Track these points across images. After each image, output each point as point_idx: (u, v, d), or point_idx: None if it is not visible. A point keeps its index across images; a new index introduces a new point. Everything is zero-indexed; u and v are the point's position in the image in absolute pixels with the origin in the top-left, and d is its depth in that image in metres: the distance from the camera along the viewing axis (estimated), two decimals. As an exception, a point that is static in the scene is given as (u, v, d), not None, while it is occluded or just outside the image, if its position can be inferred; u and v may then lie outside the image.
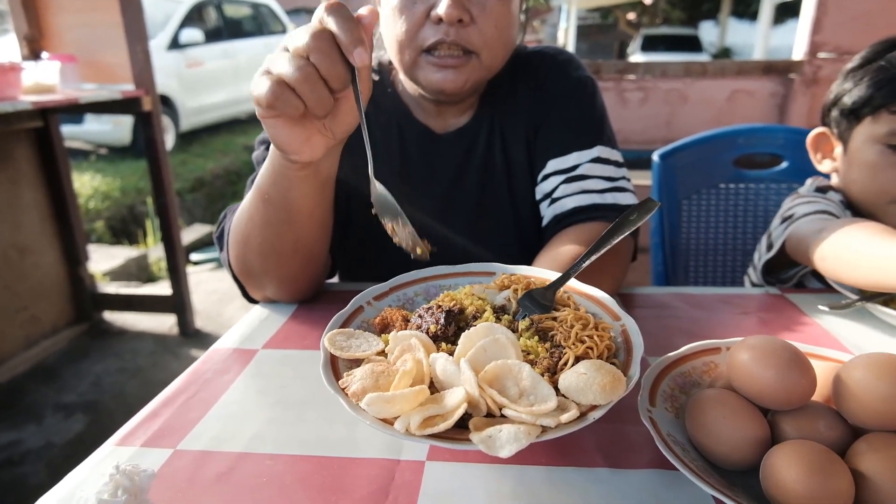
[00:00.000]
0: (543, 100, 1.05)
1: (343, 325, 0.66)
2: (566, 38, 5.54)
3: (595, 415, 0.50)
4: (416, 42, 0.90)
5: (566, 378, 0.53)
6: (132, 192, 5.49)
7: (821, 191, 1.14)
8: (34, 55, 2.68)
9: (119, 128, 6.41)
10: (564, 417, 0.48)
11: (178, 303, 3.05)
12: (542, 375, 0.54)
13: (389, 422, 0.50)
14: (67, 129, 6.01)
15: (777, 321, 0.88)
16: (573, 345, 0.58)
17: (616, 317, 0.65)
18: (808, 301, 0.94)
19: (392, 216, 0.66)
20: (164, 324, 3.22)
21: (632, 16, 19.93)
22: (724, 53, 18.25)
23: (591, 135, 1.03)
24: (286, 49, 0.64)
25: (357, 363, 0.60)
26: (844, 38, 2.78)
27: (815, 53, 2.84)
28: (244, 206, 0.87)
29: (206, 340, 3.06)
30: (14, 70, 2.20)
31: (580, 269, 0.68)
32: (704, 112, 3.01)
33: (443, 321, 0.60)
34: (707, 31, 20.43)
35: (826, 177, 1.18)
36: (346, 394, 0.54)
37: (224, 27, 8.13)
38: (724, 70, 3.02)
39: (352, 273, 1.12)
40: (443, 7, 0.85)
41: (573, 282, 0.71)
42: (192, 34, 7.24)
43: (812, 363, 0.55)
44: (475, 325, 0.59)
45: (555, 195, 1.01)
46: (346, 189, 1.03)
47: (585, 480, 0.55)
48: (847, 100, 1.06)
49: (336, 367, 0.58)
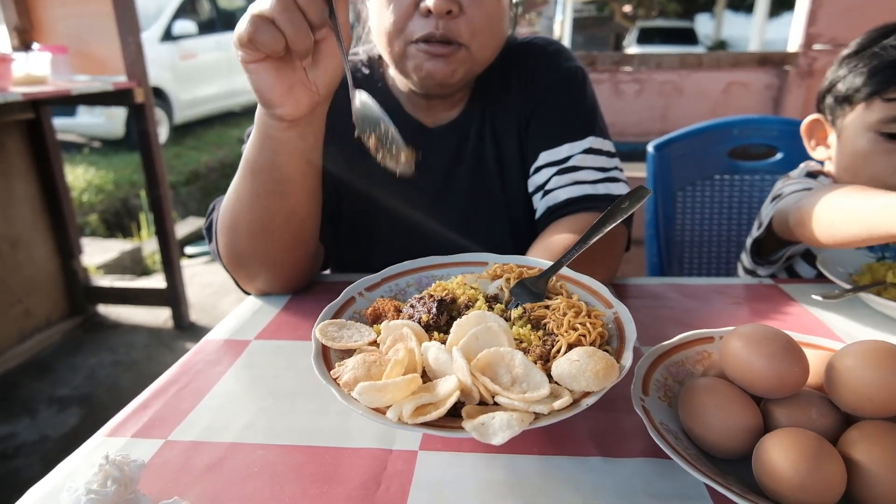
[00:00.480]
0: (534, 91, 1.05)
1: (335, 316, 0.65)
2: (562, 31, 5.51)
3: (588, 401, 0.50)
4: (405, 34, 0.89)
5: (559, 365, 0.53)
6: (126, 185, 5.46)
7: (811, 175, 1.15)
8: (25, 46, 2.65)
9: (112, 121, 6.37)
10: (557, 404, 0.48)
11: (173, 296, 3.04)
12: (535, 363, 0.54)
13: (381, 411, 0.50)
14: (60, 122, 5.98)
15: (770, 311, 0.88)
16: (566, 332, 0.58)
17: (608, 304, 0.65)
18: (801, 291, 0.94)
19: (374, 125, 0.67)
20: (159, 317, 3.21)
21: (628, 8, 19.88)
22: (720, 46, 18.24)
23: (583, 126, 1.03)
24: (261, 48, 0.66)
25: (349, 353, 0.59)
26: (839, 30, 2.78)
27: (811, 45, 2.84)
28: (231, 187, 0.86)
29: (201, 333, 3.02)
30: (4, 61, 2.17)
31: (573, 258, 0.68)
32: (700, 104, 3.01)
33: (434, 310, 0.60)
34: (703, 24, 20.42)
35: (820, 164, 1.19)
36: (338, 384, 0.53)
37: (217, 19, 8.07)
38: (720, 62, 3.02)
39: (344, 265, 1.12)
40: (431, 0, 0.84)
41: (566, 270, 0.70)
42: (186, 26, 7.19)
43: (804, 351, 0.55)
44: (467, 314, 0.58)
45: (547, 187, 1.00)
46: (336, 179, 1.02)
47: (578, 469, 0.55)
48: (841, 86, 1.06)
49: (328, 358, 0.58)
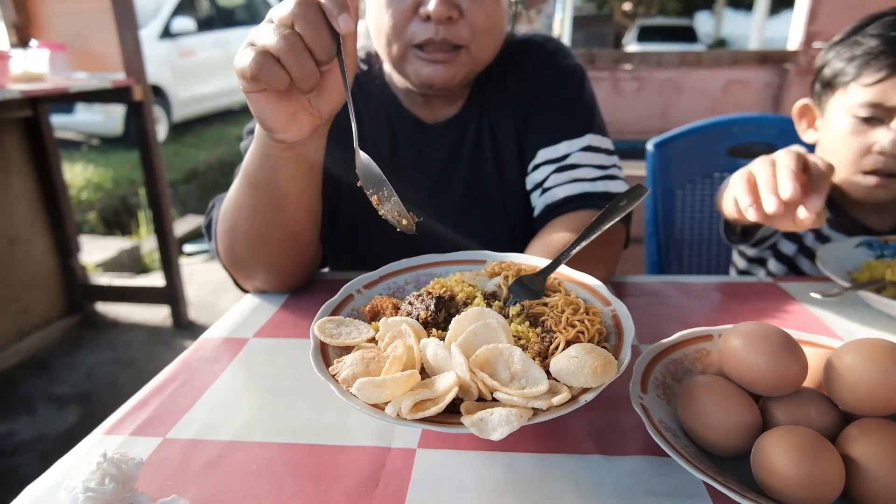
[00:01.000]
0: (532, 89, 1.04)
1: (333, 314, 0.65)
2: (562, 28, 5.51)
3: (587, 397, 0.50)
4: (405, 37, 0.89)
5: (557, 361, 0.53)
6: (124, 183, 5.45)
7: None
8: (22, 43, 2.65)
9: (111, 118, 6.35)
10: (556, 400, 0.48)
11: (172, 294, 3.03)
12: (534, 360, 0.54)
13: (380, 407, 0.50)
14: (59, 120, 5.96)
15: (769, 309, 0.88)
16: (564, 329, 0.58)
17: (606, 302, 0.65)
18: (800, 289, 0.94)
19: (377, 187, 0.66)
20: (158, 315, 3.21)
21: (627, 6, 19.86)
22: (720, 44, 18.23)
23: (582, 123, 1.02)
24: (271, 21, 0.63)
25: (347, 350, 0.59)
26: (840, 28, 2.75)
27: (811, 43, 2.83)
28: (231, 194, 0.85)
29: (200, 331, 3.01)
30: (2, 58, 2.17)
31: (570, 256, 0.68)
32: (699, 102, 3.01)
33: (433, 308, 0.60)
34: (703, 22, 20.38)
35: (810, 147, 1.21)
36: (337, 380, 0.53)
37: (216, 16, 8.05)
38: (720, 60, 3.01)
39: (342, 262, 1.12)
40: (431, 5, 0.84)
41: (564, 268, 0.70)
42: (184, 23, 7.17)
43: (803, 349, 0.55)
44: (465, 311, 0.58)
45: (546, 185, 1.00)
46: (335, 179, 1.02)
47: (577, 467, 0.55)
48: (826, 72, 1.10)
49: (326, 355, 0.58)
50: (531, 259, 0.74)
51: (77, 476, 0.48)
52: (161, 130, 6.67)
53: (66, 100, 2.60)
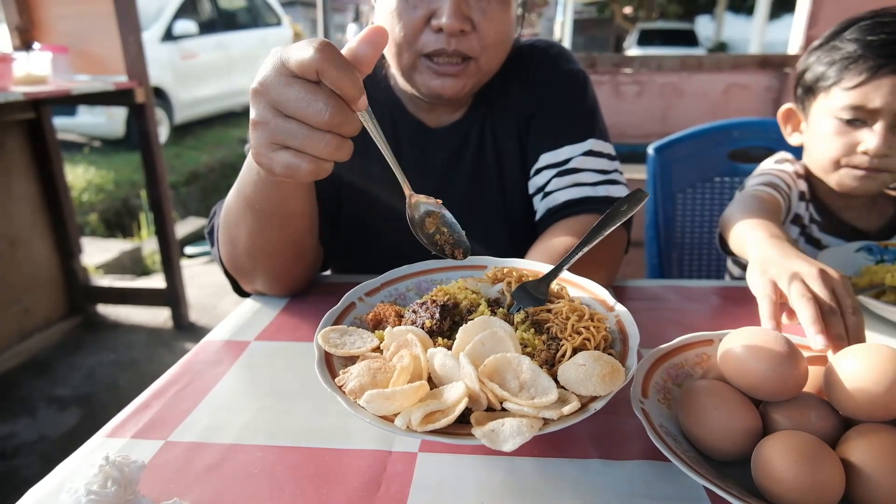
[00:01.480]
0: (535, 93, 1.05)
1: (335, 322, 0.65)
2: (562, 32, 5.52)
3: (596, 406, 0.50)
4: (415, 47, 0.89)
5: (566, 370, 0.53)
6: (126, 185, 5.45)
7: (779, 162, 1.22)
8: (25, 46, 2.65)
9: (113, 120, 6.36)
10: (566, 409, 0.48)
11: (173, 296, 3.04)
12: (541, 368, 0.54)
13: (388, 418, 0.50)
14: (61, 122, 5.97)
15: (770, 314, 0.88)
16: (570, 336, 0.58)
17: (610, 307, 0.65)
18: (801, 294, 0.94)
19: (434, 227, 0.66)
20: (159, 317, 3.21)
21: (628, 10, 19.88)
22: (720, 48, 18.24)
23: (584, 128, 1.03)
24: (283, 113, 0.55)
25: (352, 360, 0.59)
26: (840, 33, 2.77)
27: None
28: (230, 210, 0.82)
29: (201, 334, 3.05)
30: (5, 61, 2.17)
31: (573, 261, 0.68)
32: (700, 106, 3.01)
33: (438, 316, 0.60)
34: (703, 26, 20.41)
35: (794, 151, 1.24)
36: (343, 391, 0.53)
37: (218, 19, 8.06)
38: (720, 64, 3.02)
39: (344, 266, 1.12)
40: (445, 18, 0.84)
41: (566, 273, 0.70)
42: (186, 26, 7.18)
43: (804, 355, 0.55)
44: (470, 319, 0.58)
45: (547, 189, 1.01)
46: (338, 183, 1.02)
47: (577, 471, 0.55)
48: (807, 76, 1.12)
49: (331, 365, 0.57)
50: (533, 264, 0.74)
51: (79, 479, 0.48)
52: (162, 132, 6.68)
53: (69, 102, 2.61)
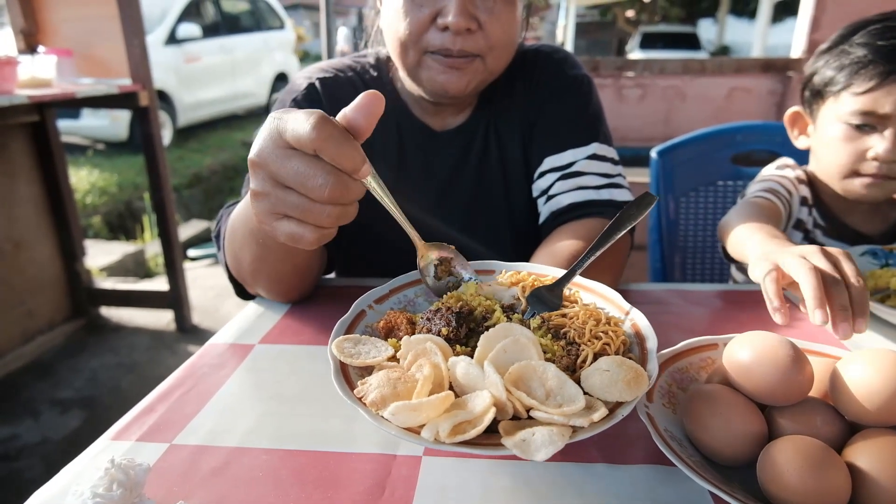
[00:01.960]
0: (539, 97, 1.05)
1: (347, 332, 0.64)
2: (565, 36, 5.52)
3: (623, 411, 0.49)
4: (421, 44, 0.89)
5: (589, 376, 0.52)
6: (129, 188, 5.47)
7: (780, 168, 1.23)
8: (30, 49, 2.67)
9: (116, 123, 6.39)
10: (596, 416, 0.47)
11: (175, 298, 3.04)
12: None
13: (414, 430, 0.49)
14: (65, 125, 5.99)
15: (774, 318, 0.88)
16: (589, 341, 0.57)
17: (624, 311, 0.65)
18: (806, 298, 0.93)
19: (445, 274, 0.67)
20: (161, 319, 3.22)
21: (630, 13, 19.92)
22: (723, 51, 18.26)
23: (588, 132, 1.03)
24: (283, 185, 0.55)
25: (366, 370, 0.58)
26: (843, 36, 2.77)
27: (814, 51, 2.83)
28: (235, 232, 0.82)
29: (203, 336, 3.05)
30: (10, 64, 2.18)
31: (585, 265, 0.68)
32: (703, 109, 3.01)
33: (454, 323, 0.59)
34: (705, 29, 20.44)
35: (800, 155, 1.25)
36: (364, 403, 0.52)
37: (222, 22, 8.10)
38: (723, 67, 3.02)
39: (348, 269, 1.12)
40: (451, 17, 0.84)
41: (578, 278, 0.70)
42: (190, 29, 7.22)
43: (809, 359, 0.55)
44: (486, 326, 0.58)
45: (551, 192, 1.01)
46: None
47: (582, 475, 0.55)
48: (816, 80, 1.12)
49: (347, 375, 0.56)
50: (541, 268, 0.74)
51: (85, 481, 0.48)
52: (166, 135, 6.70)
53: (73, 105, 2.62)
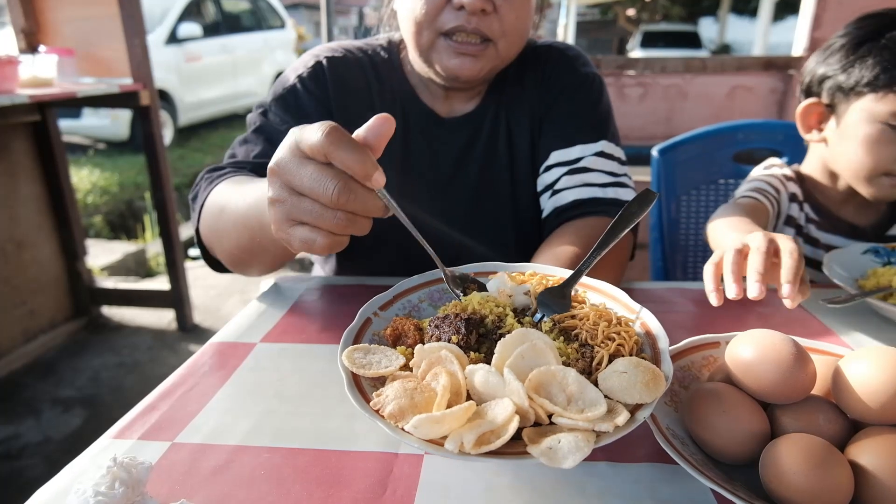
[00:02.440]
0: (550, 92, 1.05)
1: (354, 341, 0.63)
2: (566, 35, 5.51)
3: (644, 414, 0.49)
4: (436, 25, 0.90)
5: (608, 379, 0.52)
6: (130, 187, 5.47)
7: (767, 168, 1.23)
8: (31, 48, 2.67)
9: (117, 123, 6.39)
10: (619, 421, 0.47)
11: (177, 298, 3.04)
12: None
13: (437, 441, 0.48)
14: (66, 124, 6.00)
15: (776, 316, 0.88)
16: (602, 343, 0.57)
17: (631, 310, 0.65)
18: (808, 296, 0.93)
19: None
20: (163, 319, 3.22)
21: (631, 12, 19.89)
22: (724, 50, 18.23)
23: (597, 130, 1.03)
24: (297, 192, 0.57)
25: (379, 380, 0.57)
26: (844, 35, 2.76)
27: (815, 49, 2.83)
28: (223, 224, 0.81)
29: (205, 335, 3.05)
30: (11, 63, 2.18)
31: (592, 265, 0.67)
32: (704, 108, 3.01)
33: (464, 330, 0.58)
34: (707, 28, 20.40)
35: (799, 155, 1.25)
36: (382, 415, 0.51)
37: (222, 22, 8.10)
38: (724, 66, 3.01)
39: (349, 267, 1.12)
40: None
41: (584, 277, 0.70)
42: (191, 28, 7.21)
43: (812, 357, 0.55)
44: (500, 333, 0.57)
45: (556, 187, 1.01)
46: None
47: (584, 474, 0.55)
48: (842, 77, 1.08)
49: (360, 387, 0.55)
50: (546, 268, 0.74)
51: (87, 480, 0.48)
52: (167, 135, 6.71)
53: (74, 104, 2.62)
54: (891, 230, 1.18)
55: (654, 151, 1.54)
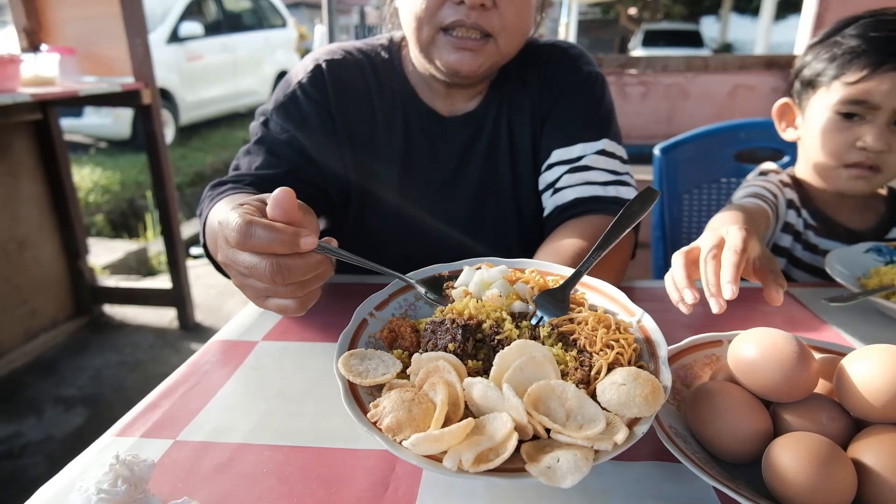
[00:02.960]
0: (552, 91, 1.05)
1: (351, 344, 0.62)
2: (567, 33, 5.50)
3: (643, 429, 0.49)
4: (436, 20, 0.90)
5: (605, 390, 0.51)
6: (132, 186, 5.48)
7: (763, 174, 1.23)
8: (33, 47, 2.67)
9: (119, 121, 6.40)
10: (618, 439, 0.47)
11: (178, 296, 3.05)
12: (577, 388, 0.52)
13: (435, 457, 0.48)
14: (67, 123, 6.00)
15: (778, 314, 0.88)
16: (601, 351, 0.56)
17: (631, 312, 0.64)
18: (808, 295, 0.93)
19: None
20: (164, 317, 3.22)
21: (633, 11, 19.85)
22: (726, 49, 18.20)
23: (599, 128, 1.03)
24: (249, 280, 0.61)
25: (377, 387, 0.57)
26: (847, 33, 2.76)
27: (817, 48, 2.82)
28: (216, 240, 0.82)
29: (206, 334, 3.06)
30: (13, 62, 2.18)
31: (592, 266, 0.67)
32: (706, 107, 3.00)
33: (460, 337, 0.57)
34: (708, 27, 20.37)
35: (786, 150, 1.25)
36: (380, 429, 0.50)
37: (224, 21, 8.10)
38: (726, 65, 3.01)
39: (349, 265, 1.12)
40: None
41: (584, 277, 0.70)
42: (192, 27, 7.21)
43: (814, 356, 0.55)
44: (498, 339, 0.57)
45: (558, 185, 1.00)
46: (343, 183, 1.03)
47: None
48: (806, 72, 1.13)
49: (357, 396, 0.54)
50: (545, 265, 0.73)
51: (89, 477, 0.48)
52: (168, 134, 6.71)
53: (76, 103, 2.62)
54: (890, 233, 1.17)
55: (656, 150, 1.54)
